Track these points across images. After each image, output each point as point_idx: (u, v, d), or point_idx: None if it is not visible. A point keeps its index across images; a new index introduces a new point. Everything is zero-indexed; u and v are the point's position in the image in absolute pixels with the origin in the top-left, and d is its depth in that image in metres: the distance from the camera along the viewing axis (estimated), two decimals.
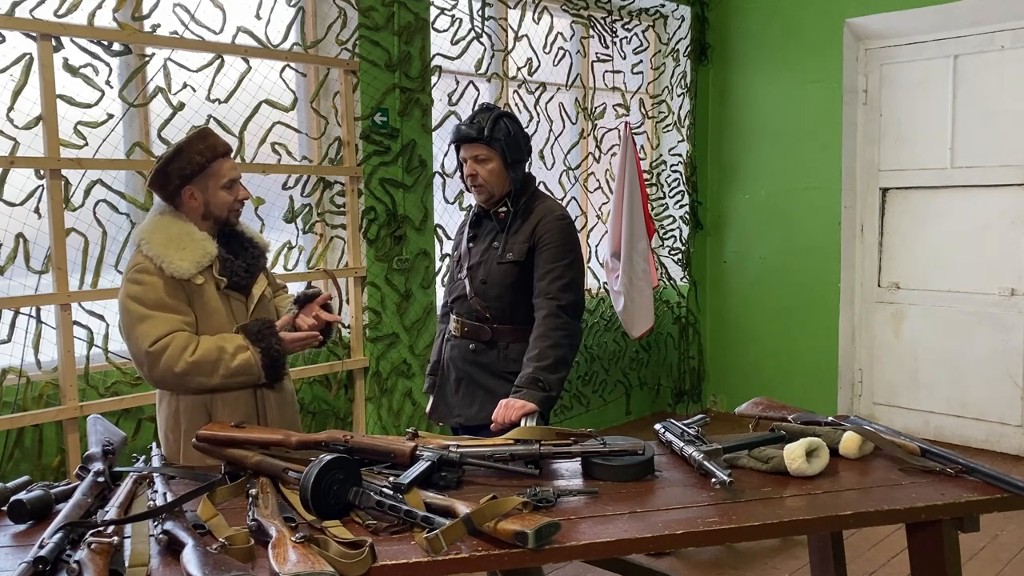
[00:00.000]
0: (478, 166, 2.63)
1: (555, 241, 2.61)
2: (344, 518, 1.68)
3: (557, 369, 2.51)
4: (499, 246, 2.68)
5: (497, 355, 2.67)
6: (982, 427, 5.04)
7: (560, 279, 2.58)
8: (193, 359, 2.16)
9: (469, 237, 2.80)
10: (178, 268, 2.19)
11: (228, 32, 3.59)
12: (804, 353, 5.55)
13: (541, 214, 2.66)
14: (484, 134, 2.59)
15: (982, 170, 4.94)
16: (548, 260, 2.60)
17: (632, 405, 5.75)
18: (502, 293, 2.66)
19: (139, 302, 2.17)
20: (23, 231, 3.08)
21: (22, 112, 3.04)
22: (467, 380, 2.73)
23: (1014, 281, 4.87)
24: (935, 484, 1.95)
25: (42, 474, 3.07)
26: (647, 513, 1.77)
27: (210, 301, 2.25)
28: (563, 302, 2.56)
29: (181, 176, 2.22)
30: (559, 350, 2.52)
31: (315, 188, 3.94)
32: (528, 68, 4.93)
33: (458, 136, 2.66)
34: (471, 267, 2.73)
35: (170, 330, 2.17)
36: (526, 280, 2.64)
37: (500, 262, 2.66)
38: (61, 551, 1.45)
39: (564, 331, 2.55)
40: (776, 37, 5.53)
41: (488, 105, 2.75)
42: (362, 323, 4.07)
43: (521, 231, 2.66)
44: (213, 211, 2.28)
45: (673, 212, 5.92)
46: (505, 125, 2.62)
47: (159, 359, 2.15)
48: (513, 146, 2.63)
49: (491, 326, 2.68)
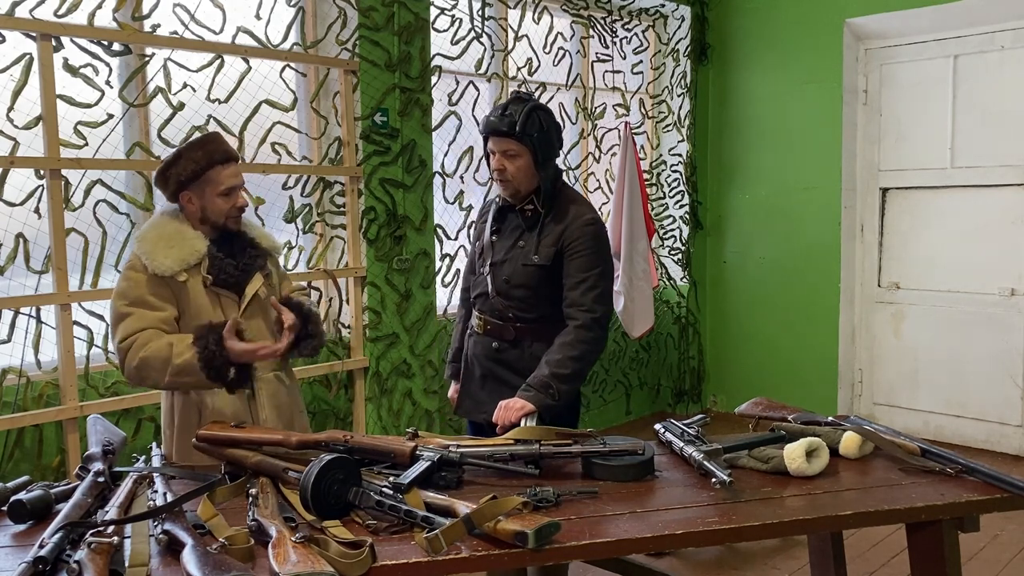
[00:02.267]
0: (506, 161, 2.52)
1: (587, 248, 2.53)
2: (344, 518, 1.68)
3: (572, 380, 2.48)
4: (525, 246, 2.59)
5: (521, 354, 2.62)
6: (982, 427, 5.04)
7: (593, 289, 2.52)
8: (144, 354, 2.17)
9: (492, 230, 2.69)
10: (160, 265, 2.22)
11: (228, 32, 3.59)
12: (804, 353, 5.55)
13: (572, 217, 2.56)
14: (516, 129, 2.46)
15: (982, 170, 4.94)
16: (580, 268, 2.52)
17: (632, 405, 5.75)
18: (526, 294, 2.60)
19: (122, 298, 2.23)
20: (23, 231, 3.08)
21: (22, 112, 3.04)
22: (492, 378, 2.68)
23: (1014, 281, 4.87)
24: (935, 484, 1.95)
25: (42, 474, 3.07)
26: (647, 513, 1.77)
27: (196, 298, 2.27)
28: (598, 314, 2.51)
29: (178, 181, 2.26)
30: (580, 363, 2.49)
31: (315, 188, 3.94)
32: (528, 68, 4.92)
33: (488, 128, 2.54)
34: (494, 264, 2.65)
35: (142, 327, 2.20)
36: (551, 282, 2.57)
37: (526, 264, 2.58)
38: (61, 551, 1.45)
39: (591, 345, 2.50)
40: (776, 37, 5.53)
41: (520, 94, 2.58)
42: (362, 323, 4.07)
43: (549, 233, 2.56)
44: (210, 216, 2.30)
45: (673, 212, 5.92)
46: (539, 119, 2.50)
47: (125, 354, 2.20)
48: (545, 143, 2.52)
49: (514, 325, 2.63)
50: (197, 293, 2.26)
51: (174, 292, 2.25)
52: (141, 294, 2.22)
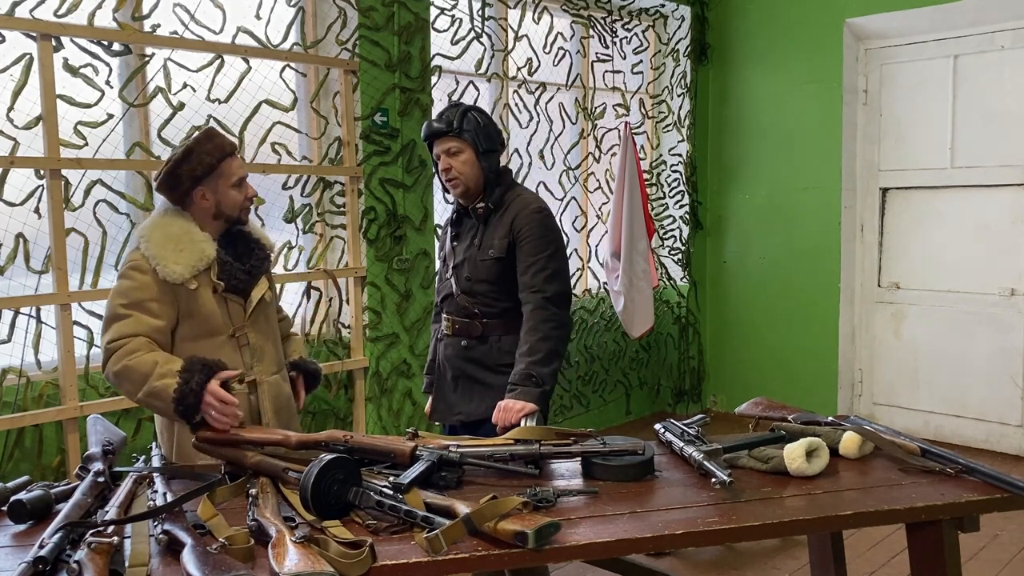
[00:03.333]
0: (451, 159, 2.64)
1: (534, 234, 2.61)
2: (344, 518, 1.68)
3: (549, 361, 2.52)
4: (481, 242, 2.69)
5: (489, 349, 2.68)
6: (982, 427, 5.04)
7: (543, 271, 2.59)
8: (128, 363, 2.12)
9: (452, 236, 2.81)
10: (171, 272, 2.17)
11: (228, 32, 3.59)
12: (804, 353, 5.55)
13: (518, 208, 2.66)
14: (453, 126, 2.62)
15: (982, 170, 4.94)
16: (529, 253, 2.61)
17: (632, 405, 5.75)
18: (488, 289, 2.67)
19: (122, 298, 2.18)
20: (23, 231, 3.08)
21: (22, 112, 3.04)
22: (463, 377, 2.73)
23: (1014, 281, 4.87)
24: (935, 484, 1.95)
25: (42, 474, 3.07)
26: (647, 513, 1.77)
27: (205, 304, 2.23)
28: (548, 293, 2.57)
29: (192, 177, 2.21)
30: (549, 342, 2.53)
31: (315, 188, 3.94)
32: (528, 68, 4.92)
33: (429, 131, 2.68)
34: (456, 265, 2.74)
35: (135, 332, 2.15)
36: (510, 273, 2.64)
37: (483, 259, 2.67)
38: (61, 551, 1.45)
39: (553, 322, 2.56)
40: (776, 37, 5.53)
41: (455, 102, 2.82)
42: (362, 323, 4.07)
43: (499, 226, 2.66)
44: (225, 210, 2.28)
45: (673, 212, 5.92)
46: (474, 117, 2.65)
47: (111, 355, 2.15)
48: (484, 135, 2.64)
49: (480, 321, 2.69)
50: (206, 299, 2.24)
51: (179, 298, 2.21)
52: (142, 298, 2.17)
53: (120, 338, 2.15)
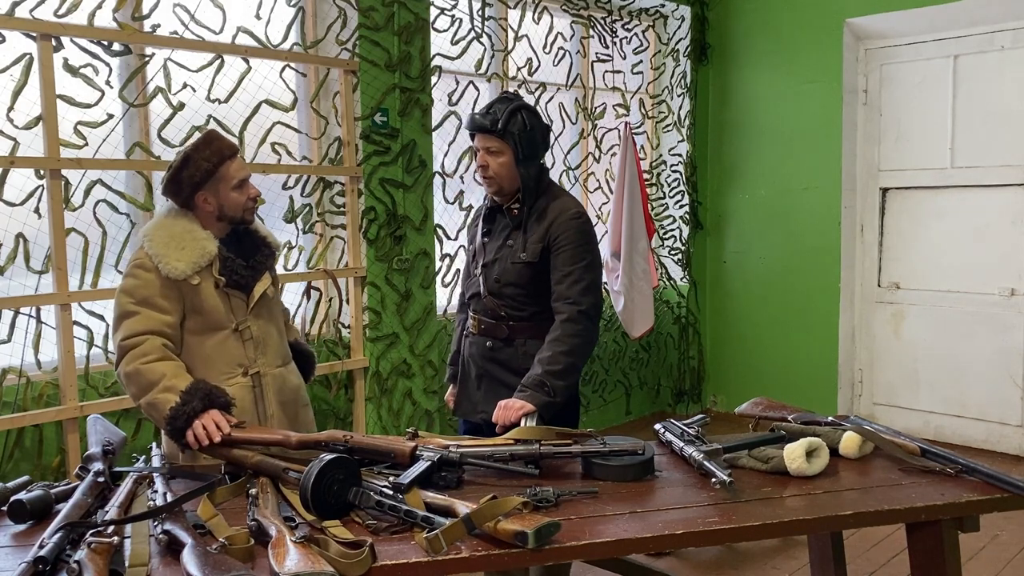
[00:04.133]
0: (489, 158, 2.56)
1: (572, 242, 2.55)
2: (344, 518, 1.69)
3: (566, 376, 2.47)
4: (513, 244, 2.62)
5: (515, 352, 2.64)
6: (982, 427, 5.04)
7: (579, 282, 2.53)
8: (140, 366, 2.16)
9: (483, 232, 2.73)
10: (173, 269, 2.21)
11: (228, 32, 3.59)
12: (804, 353, 5.54)
13: (555, 213, 2.58)
14: (498, 126, 2.51)
15: (982, 170, 4.94)
16: (565, 262, 2.54)
17: (632, 405, 5.75)
18: (517, 292, 2.62)
19: (129, 296, 2.22)
20: (23, 231, 3.08)
21: (22, 112, 3.04)
22: (488, 377, 2.70)
23: (1014, 281, 4.87)
24: (935, 484, 1.95)
25: (42, 474, 3.07)
26: (647, 513, 1.77)
27: (207, 300, 2.26)
28: (584, 306, 2.52)
29: (192, 183, 2.25)
30: (571, 357, 2.48)
31: (315, 188, 3.94)
32: (528, 68, 4.92)
33: (471, 125, 2.58)
34: (486, 264, 2.68)
35: (148, 329, 2.20)
36: (540, 279, 2.59)
37: (515, 262, 2.60)
38: (61, 551, 1.45)
39: (581, 338, 2.51)
40: (776, 37, 5.53)
41: (508, 94, 2.63)
42: (362, 323, 4.07)
43: (534, 230, 2.59)
44: (228, 212, 2.31)
45: (673, 212, 5.92)
46: (522, 118, 2.53)
47: (124, 353, 2.19)
48: (527, 141, 2.54)
49: (507, 324, 2.64)
50: (209, 295, 2.27)
51: (184, 294, 2.25)
52: (149, 294, 2.21)
53: (132, 335, 2.19)
